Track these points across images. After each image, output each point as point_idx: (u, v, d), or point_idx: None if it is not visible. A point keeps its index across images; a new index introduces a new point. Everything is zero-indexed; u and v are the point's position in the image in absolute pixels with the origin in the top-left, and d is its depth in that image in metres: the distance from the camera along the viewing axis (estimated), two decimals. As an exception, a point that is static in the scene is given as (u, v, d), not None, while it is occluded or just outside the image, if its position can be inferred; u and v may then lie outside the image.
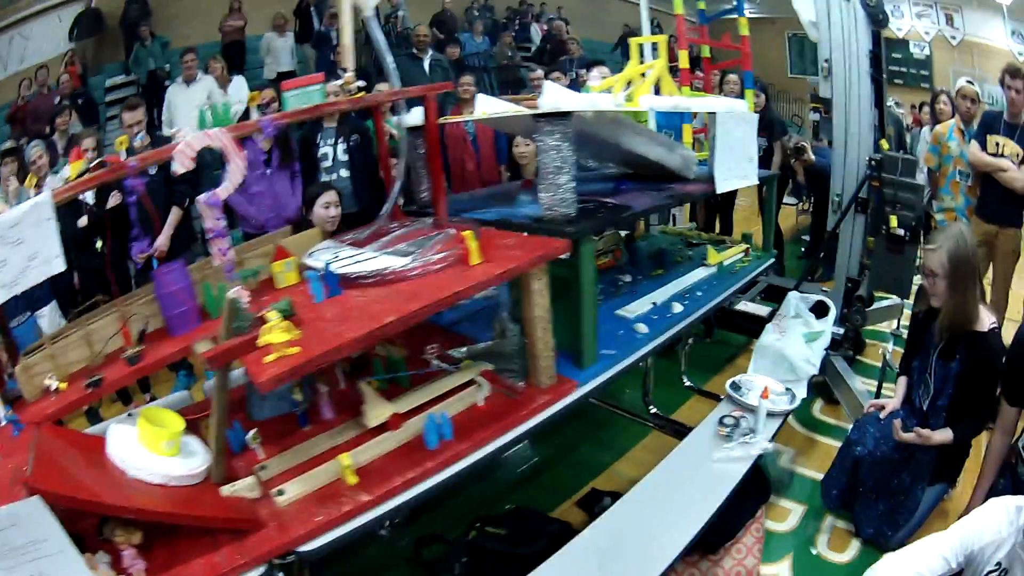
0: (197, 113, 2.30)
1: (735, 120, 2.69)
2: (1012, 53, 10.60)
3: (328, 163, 4.50)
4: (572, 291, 2.18)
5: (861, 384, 3.63)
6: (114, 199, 3.88)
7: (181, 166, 1.97)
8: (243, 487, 1.71)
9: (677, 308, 2.64)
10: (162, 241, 4.16)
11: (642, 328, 2.49)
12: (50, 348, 2.00)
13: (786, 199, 6.28)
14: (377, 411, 1.92)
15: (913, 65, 12.22)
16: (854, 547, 2.84)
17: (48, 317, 4.14)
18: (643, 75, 2.51)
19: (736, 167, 2.73)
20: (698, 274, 3.00)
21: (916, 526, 2.79)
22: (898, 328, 4.61)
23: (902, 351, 3.15)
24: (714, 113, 2.69)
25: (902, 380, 3.00)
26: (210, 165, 6.26)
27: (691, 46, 3.41)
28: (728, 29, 3.70)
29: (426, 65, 6.48)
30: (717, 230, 5.94)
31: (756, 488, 2.84)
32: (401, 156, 2.54)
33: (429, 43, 6.74)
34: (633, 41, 2.71)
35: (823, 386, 3.86)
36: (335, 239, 2.51)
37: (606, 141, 2.56)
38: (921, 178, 3.83)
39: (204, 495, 1.65)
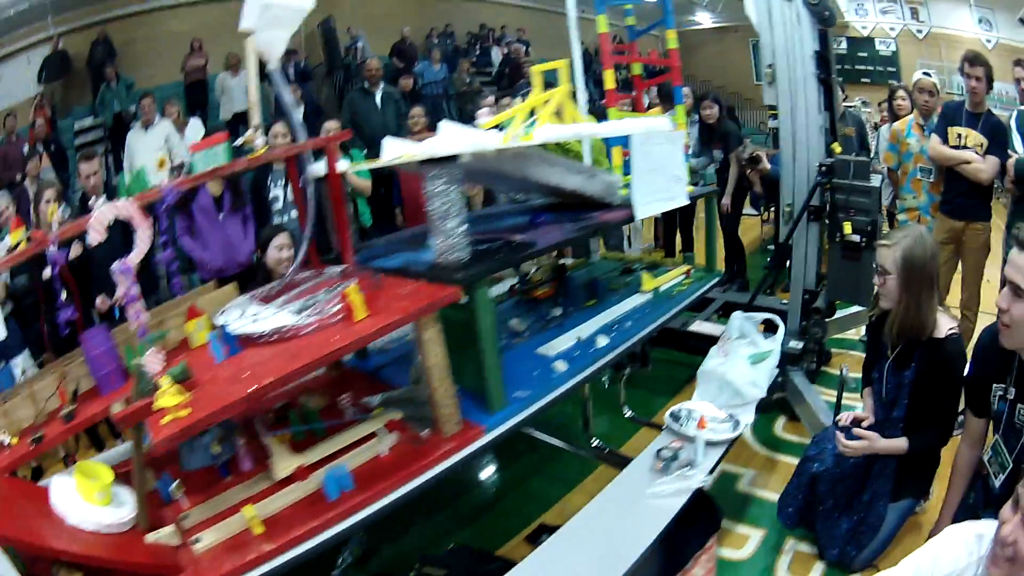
0: (154, 157, 2.35)
1: (655, 141, 2.59)
2: (980, 41, 10.48)
3: (279, 205, 4.50)
4: (472, 337, 2.10)
5: (822, 400, 3.52)
6: (75, 250, 3.90)
7: (95, 237, 2.03)
8: (164, 535, 1.81)
9: (602, 342, 2.54)
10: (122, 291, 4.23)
11: (561, 366, 2.39)
12: (2, 407, 2.14)
13: (749, 210, 6.18)
14: (284, 464, 1.96)
15: (880, 62, 12.17)
16: (817, 571, 2.72)
17: (22, 365, 4.20)
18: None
19: (660, 189, 2.63)
20: (632, 302, 2.89)
21: (883, 545, 2.66)
22: (866, 334, 4.49)
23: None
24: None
25: (867, 392, 2.86)
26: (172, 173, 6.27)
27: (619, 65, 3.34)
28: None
29: (378, 99, 6.44)
30: (679, 246, 5.89)
31: (704, 518, 2.72)
32: (309, 205, 2.48)
33: (380, 76, 6.70)
34: (534, 69, 2.62)
35: (786, 403, 3.75)
36: (247, 295, 2.48)
37: (514, 176, 2.48)
38: (876, 179, 3.71)
39: (131, 542, 1.78)
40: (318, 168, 2.56)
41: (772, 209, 5.83)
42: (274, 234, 3.23)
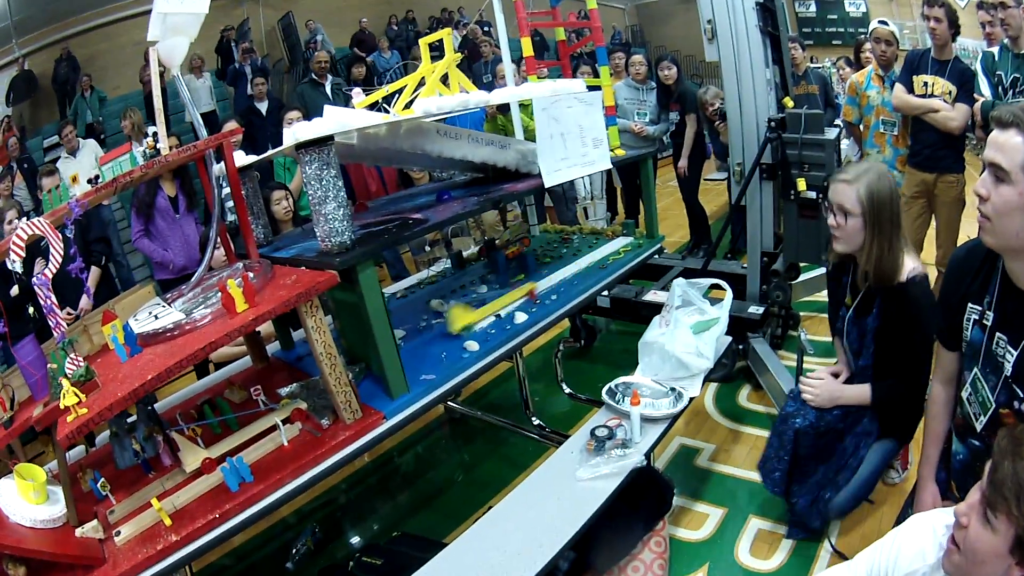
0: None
1: (563, 103, 2.45)
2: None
3: (231, 203, 4.49)
4: (364, 320, 2.00)
5: (785, 367, 3.37)
6: (38, 266, 4.00)
7: (14, 259, 2.04)
8: (89, 529, 1.87)
9: (521, 318, 2.42)
10: (86, 301, 4.38)
11: (472, 346, 2.27)
12: (-51, 412, 2.28)
13: (715, 175, 6.02)
14: (191, 458, 1.98)
15: (851, 24, 11.93)
16: (782, 553, 2.60)
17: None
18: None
19: (573, 155, 2.48)
20: (560, 275, 2.76)
21: (861, 489, 2.46)
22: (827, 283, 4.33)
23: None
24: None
25: (837, 343, 2.63)
26: (114, 222, 6.29)
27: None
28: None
29: (328, 89, 6.48)
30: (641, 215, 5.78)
31: (654, 498, 2.60)
32: (216, 204, 2.43)
33: (327, 68, 6.83)
34: (423, 41, 2.49)
35: (750, 371, 3.62)
36: (159, 297, 2.43)
37: (415, 152, 2.36)
38: (832, 132, 3.56)
39: (63, 535, 1.88)
40: (221, 167, 2.50)
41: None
42: (209, 234, 3.25)
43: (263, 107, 6.70)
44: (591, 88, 2.62)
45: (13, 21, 7.57)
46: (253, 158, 2.58)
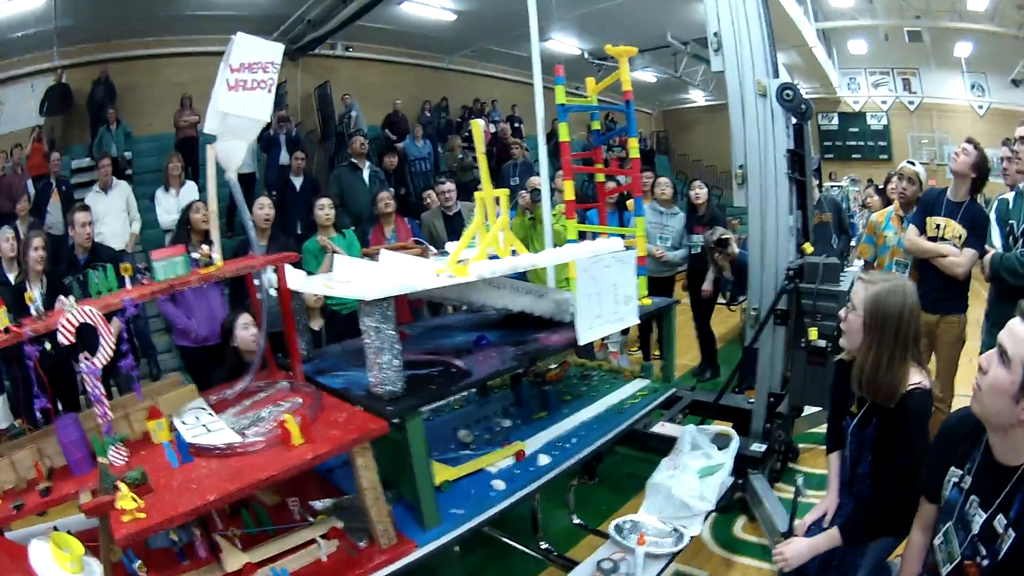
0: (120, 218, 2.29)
1: (602, 262, 2.65)
2: (972, 107, 10.43)
3: (257, 282, 4.64)
4: (405, 458, 2.17)
5: (780, 506, 3.47)
6: (59, 305, 4.12)
7: (63, 340, 2.14)
8: None
9: (544, 460, 2.59)
10: (103, 353, 4.47)
11: (499, 485, 2.45)
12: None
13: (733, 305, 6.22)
14: (232, 560, 2.10)
15: (871, 137, 12.21)
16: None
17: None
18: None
19: (606, 313, 2.67)
20: (580, 417, 2.96)
21: None
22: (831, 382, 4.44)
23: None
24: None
25: (834, 458, 2.61)
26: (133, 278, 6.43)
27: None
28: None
29: (366, 176, 6.62)
30: (655, 337, 6.04)
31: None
32: (264, 313, 2.56)
33: (365, 153, 6.85)
34: (479, 196, 2.55)
35: (747, 502, 3.77)
36: (205, 396, 2.57)
37: (460, 299, 2.56)
38: (846, 282, 3.74)
39: None
40: (272, 278, 2.64)
41: (741, 300, 5.63)
42: (236, 317, 3.31)
43: (298, 182, 6.74)
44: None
45: (56, 28, 7.54)
46: (302, 282, 2.72)
